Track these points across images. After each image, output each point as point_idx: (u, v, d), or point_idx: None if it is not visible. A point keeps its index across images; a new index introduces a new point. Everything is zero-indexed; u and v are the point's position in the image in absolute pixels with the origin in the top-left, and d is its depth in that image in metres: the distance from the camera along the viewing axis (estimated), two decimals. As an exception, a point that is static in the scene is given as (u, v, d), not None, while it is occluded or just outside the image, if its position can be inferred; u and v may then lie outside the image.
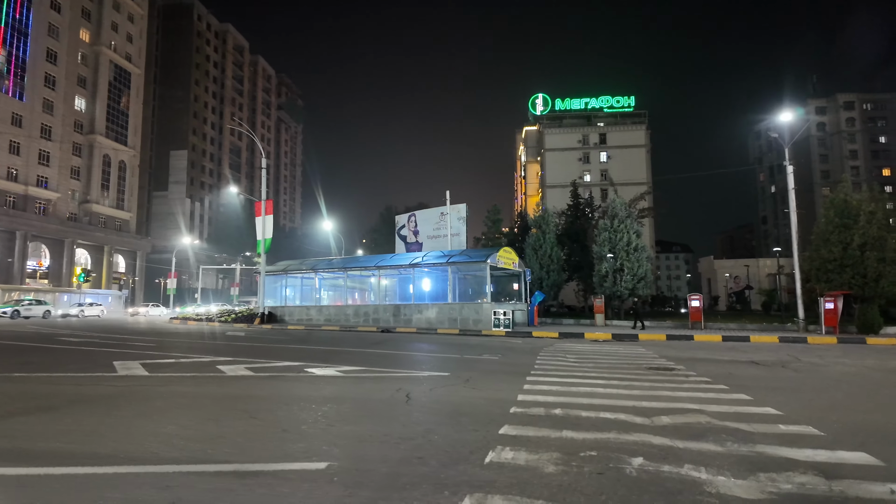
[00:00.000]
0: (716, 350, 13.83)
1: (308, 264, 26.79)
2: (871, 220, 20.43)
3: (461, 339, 16.85)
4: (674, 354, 12.40)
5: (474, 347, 13.76)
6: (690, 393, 6.64)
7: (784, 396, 6.46)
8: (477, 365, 9.81)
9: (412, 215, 37.75)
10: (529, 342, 16.05)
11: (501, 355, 11.70)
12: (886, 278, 19.81)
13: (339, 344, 14.35)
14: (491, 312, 20.58)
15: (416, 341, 15.80)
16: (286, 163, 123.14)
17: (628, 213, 29.19)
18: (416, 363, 10.01)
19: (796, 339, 17.47)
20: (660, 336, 18.55)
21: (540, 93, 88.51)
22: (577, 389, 6.78)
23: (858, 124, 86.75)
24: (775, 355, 12.46)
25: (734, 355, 12.37)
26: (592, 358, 11.27)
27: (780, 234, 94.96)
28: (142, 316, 38.45)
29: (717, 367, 9.75)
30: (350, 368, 8.84)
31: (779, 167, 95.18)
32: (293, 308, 25.64)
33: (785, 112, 22.08)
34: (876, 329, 19.87)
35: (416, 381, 7.47)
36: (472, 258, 21.86)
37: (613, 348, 14.07)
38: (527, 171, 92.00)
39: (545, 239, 31.61)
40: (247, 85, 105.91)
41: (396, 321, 22.52)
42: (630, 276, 27.55)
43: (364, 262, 24.76)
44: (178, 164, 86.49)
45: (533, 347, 13.99)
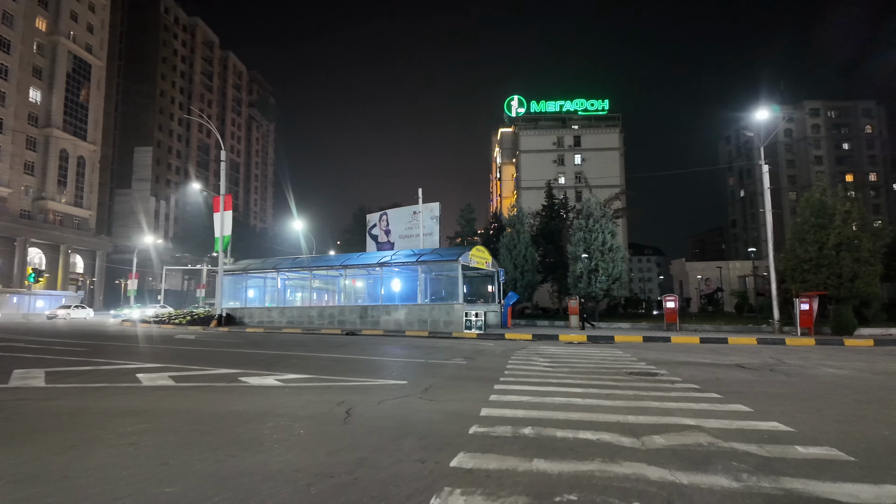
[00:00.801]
0: (696, 352, 13.13)
1: (271, 263, 25.34)
2: (846, 219, 20.20)
3: (429, 342, 15.81)
4: (653, 357, 11.63)
5: (442, 351, 12.75)
6: (681, 403, 5.75)
7: (786, 406, 5.63)
8: (441, 371, 8.80)
9: (384, 214, 36.59)
10: (501, 344, 15.13)
11: (470, 359, 10.72)
12: (861, 279, 19.57)
13: (294, 348, 13.15)
14: (462, 314, 19.62)
15: (380, 344, 14.70)
16: (257, 161, 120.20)
17: (603, 212, 28.66)
18: (373, 369, 8.93)
19: (774, 341, 16.98)
20: (636, 338, 17.87)
21: (515, 95, 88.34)
22: (552, 400, 5.82)
23: (823, 131, 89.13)
24: (758, 358, 11.82)
25: (716, 358, 11.67)
26: (568, 361, 10.39)
27: (748, 236, 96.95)
28: (61, 318, 34.96)
29: (703, 372, 8.96)
30: (294, 376, 7.71)
31: (748, 172, 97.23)
32: (254, 310, 24.17)
33: (760, 110, 21.74)
34: (850, 330, 19.62)
35: (365, 392, 6.40)
36: (443, 257, 20.85)
37: (589, 351, 13.25)
38: (502, 173, 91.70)
39: (519, 238, 30.85)
40: (216, 81, 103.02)
41: (363, 323, 21.35)
42: (605, 276, 26.98)
43: (330, 261, 23.49)
44: (143, 161, 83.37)
45: (505, 350, 13.06)
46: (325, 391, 6.46)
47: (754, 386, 7.30)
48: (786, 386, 7.33)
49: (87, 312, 38.89)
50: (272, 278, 25.13)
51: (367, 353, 11.81)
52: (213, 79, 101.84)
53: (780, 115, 28.58)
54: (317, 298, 27.89)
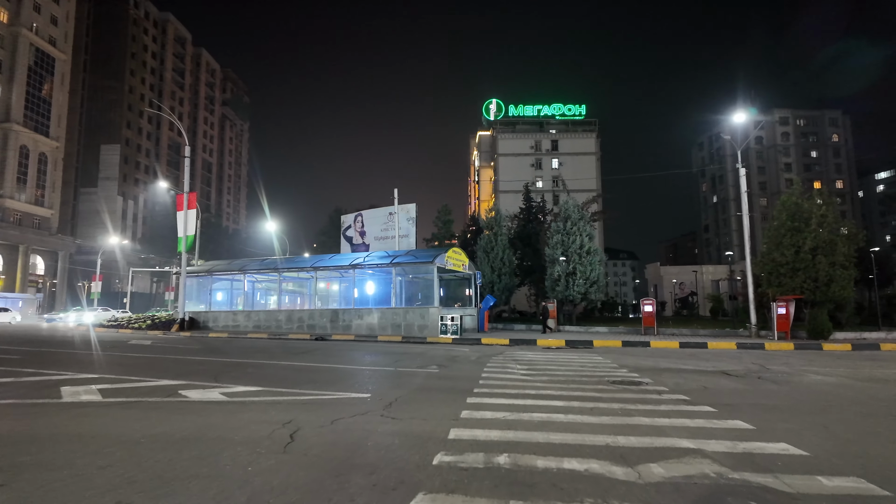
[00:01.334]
0: (677, 358, 12.67)
1: (237, 265, 24.18)
2: (822, 223, 20.18)
3: (402, 348, 15.04)
4: (634, 364, 11.10)
5: (414, 357, 12.00)
6: (674, 420, 5.14)
7: (788, 422, 5.07)
8: (410, 381, 8.06)
9: (359, 215, 35.65)
10: (477, 350, 14.45)
11: (443, 367, 10.00)
12: (837, 282, 19.53)
13: (254, 355, 12.23)
14: (438, 318, 18.91)
15: (348, 350, 13.88)
16: (230, 161, 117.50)
17: (581, 215, 28.31)
18: (335, 380, 8.13)
19: (753, 346, 16.71)
20: (615, 342, 17.41)
21: (494, 98, 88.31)
22: (531, 417, 5.15)
23: (792, 138, 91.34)
24: (741, 364, 11.40)
25: (699, 364, 11.21)
26: (546, 369, 9.76)
27: (721, 241, 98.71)
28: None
29: (688, 380, 8.42)
30: (243, 389, 6.87)
31: (720, 178, 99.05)
32: (219, 313, 22.99)
33: (737, 113, 21.64)
34: (826, 334, 19.55)
35: (319, 408, 5.62)
36: (418, 259, 20.10)
37: (568, 356, 12.67)
38: (480, 176, 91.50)
39: (497, 241, 30.30)
40: (188, 78, 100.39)
41: (334, 327, 20.43)
42: (582, 279, 26.60)
43: (300, 262, 22.49)
44: (110, 159, 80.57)
45: (480, 356, 12.39)
46: (272, 407, 5.66)
47: (746, 396, 6.76)
48: (779, 397, 6.81)
49: (12, 316, 35.63)
50: (239, 280, 23.97)
51: (333, 361, 10.99)
52: (185, 76, 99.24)
53: (757, 118, 28.75)
54: (286, 302, 26.82)
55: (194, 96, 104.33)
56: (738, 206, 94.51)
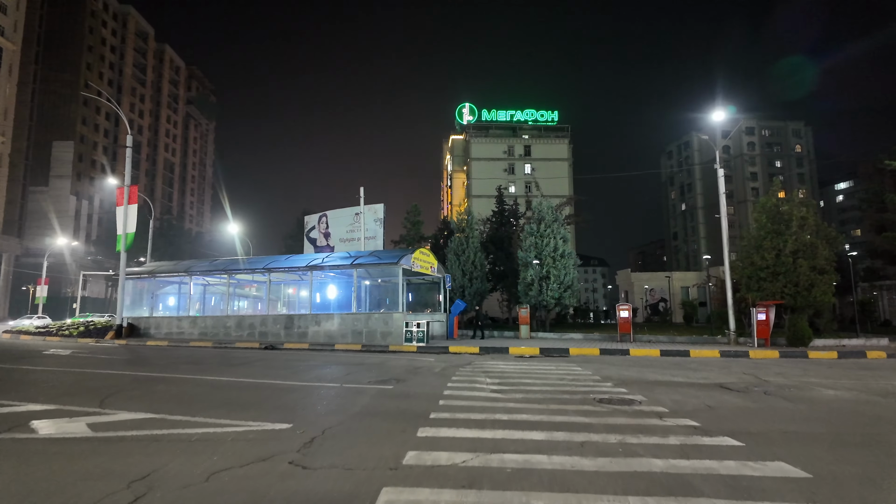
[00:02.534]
0: (662, 368, 11.46)
1: (183, 266, 22.04)
2: (802, 225, 19.51)
3: (359, 357, 13.44)
4: (618, 375, 9.81)
5: (369, 369, 10.45)
6: (695, 462, 3.78)
7: (849, 462, 3.77)
8: (353, 402, 6.53)
9: (323, 216, 33.84)
10: (443, 360, 12.97)
11: (400, 381, 8.49)
12: (818, 287, 18.82)
13: (180, 368, 10.45)
14: (402, 324, 17.35)
15: (296, 361, 12.20)
16: (194, 162, 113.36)
17: (555, 216, 27.21)
18: (257, 402, 6.52)
19: (737, 354, 15.73)
20: (592, 350, 16.18)
21: (467, 102, 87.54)
22: (501, 462, 3.71)
23: (758, 148, 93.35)
24: (732, 374, 10.25)
25: (688, 375, 9.99)
26: (521, 383, 8.36)
27: (689, 249, 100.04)
28: None
29: (687, 397, 7.14)
30: (125, 418, 5.22)
31: (688, 186, 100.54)
32: (162, 319, 20.86)
33: (717, 111, 20.88)
34: (806, 341, 18.82)
35: (205, 450, 4.05)
36: (381, 260, 18.49)
37: (544, 367, 11.32)
38: (453, 181, 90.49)
39: (468, 244, 28.91)
40: (151, 75, 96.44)
41: (288, 335, 18.64)
42: (556, 283, 25.44)
43: (253, 263, 20.57)
44: (63, 157, 76.36)
45: (446, 367, 10.92)
46: (142, 448, 4.06)
47: (766, 420, 5.48)
48: (806, 420, 5.54)
49: None
50: (185, 283, 21.88)
51: (270, 375, 9.34)
52: (147, 72, 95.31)
53: (736, 116, 28.24)
54: (238, 306, 24.84)
55: (157, 94, 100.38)
56: (706, 214, 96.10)
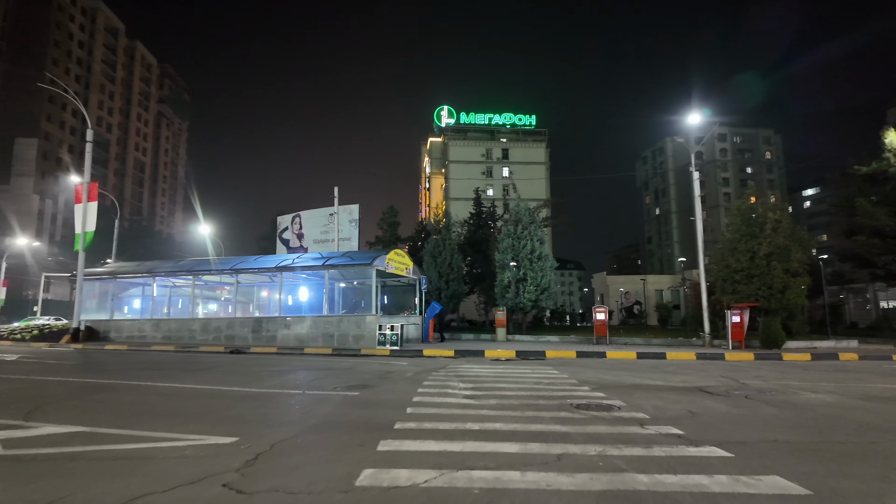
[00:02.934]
0: (640, 371, 11.21)
1: (146, 266, 21.05)
2: (776, 228, 19.64)
3: (328, 362, 12.87)
4: (595, 379, 9.50)
5: (338, 374, 9.92)
6: (682, 477, 3.41)
7: (849, 477, 3.45)
8: (314, 411, 6.02)
9: (296, 216, 33.06)
10: (417, 363, 12.50)
11: (368, 387, 8.00)
12: (792, 290, 18.96)
13: (133, 374, 9.76)
14: (375, 327, 16.81)
15: (260, 366, 11.58)
16: (166, 162, 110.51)
17: (532, 218, 27.01)
18: (206, 411, 5.96)
19: (713, 356, 15.63)
20: (569, 353, 15.91)
21: (445, 105, 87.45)
22: (469, 481, 3.28)
23: (730, 154, 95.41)
24: (711, 377, 10.04)
25: (667, 378, 9.74)
26: (495, 388, 7.96)
27: (663, 253, 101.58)
28: None
29: (666, 402, 6.84)
30: (49, 432, 4.62)
31: (663, 191, 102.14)
32: (123, 322, 19.85)
33: (693, 114, 20.96)
34: (779, 343, 18.93)
35: (130, 470, 3.51)
36: (354, 261, 17.90)
37: (520, 370, 10.96)
38: (431, 183, 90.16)
39: (445, 245, 28.50)
40: (121, 72, 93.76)
41: (256, 338, 17.90)
42: (533, 286, 25.21)
43: (220, 264, 19.74)
44: (25, 154, 73.64)
45: (419, 371, 10.46)
46: (53, 470, 3.50)
47: (753, 427, 5.17)
48: (795, 428, 5.25)
49: None
50: (148, 284, 20.90)
51: (229, 382, 8.73)
52: (117, 69, 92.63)
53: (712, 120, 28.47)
54: (209, 309, 23.93)
55: (127, 91, 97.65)
56: (679, 219, 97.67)
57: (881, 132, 23.78)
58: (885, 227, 23.58)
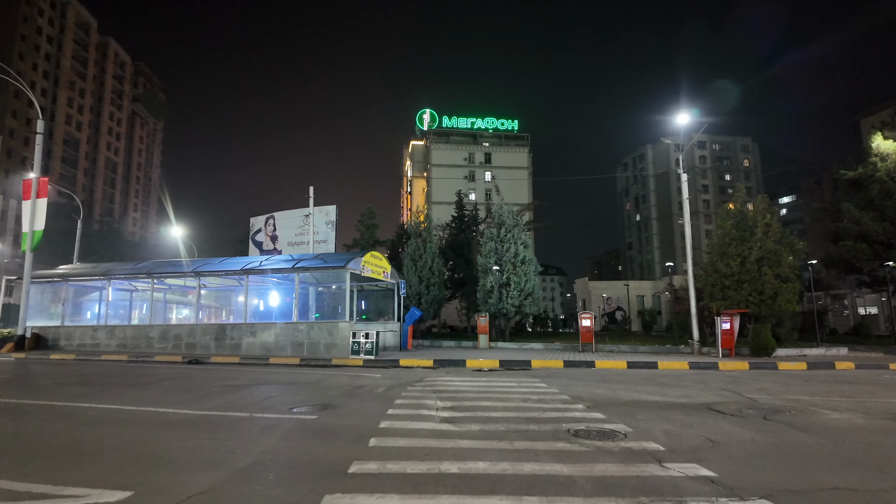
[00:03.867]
0: (634, 384, 10.27)
1: (102, 268, 19.42)
2: (767, 232, 19.02)
3: (292, 375, 11.65)
4: (588, 394, 8.51)
5: (297, 391, 8.74)
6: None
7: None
8: (253, 445, 4.87)
9: (270, 217, 31.65)
10: (392, 376, 11.38)
11: (328, 408, 6.86)
12: (783, 295, 18.31)
13: (59, 392, 8.43)
14: (349, 334, 15.61)
15: (215, 379, 10.33)
16: (140, 162, 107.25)
17: (515, 221, 26.10)
18: (108, 449, 4.76)
19: (707, 365, 14.84)
20: (556, 363, 14.94)
21: (427, 108, 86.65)
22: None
23: (709, 162, 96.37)
24: (715, 391, 9.14)
25: (667, 393, 8.79)
26: (478, 407, 6.89)
27: (643, 259, 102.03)
28: None
29: (679, 426, 5.86)
30: None
31: (643, 197, 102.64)
32: (74, 329, 18.25)
33: (681, 114, 20.30)
34: (769, 351, 18.28)
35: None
36: (327, 263, 16.67)
37: (505, 384, 9.93)
38: (413, 187, 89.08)
39: (426, 248, 27.39)
40: (92, 69, 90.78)
41: (220, 347, 16.55)
42: (517, 290, 24.26)
43: (180, 266, 18.28)
44: (-12, 152, 70.35)
45: (392, 386, 9.35)
46: None
47: (795, 464, 4.20)
48: (841, 463, 4.29)
49: None
50: (103, 288, 19.34)
51: (167, 402, 7.50)
52: (88, 65, 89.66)
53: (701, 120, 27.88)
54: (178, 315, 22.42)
55: (99, 89, 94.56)
56: (660, 225, 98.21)
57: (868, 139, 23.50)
58: (872, 232, 23.26)
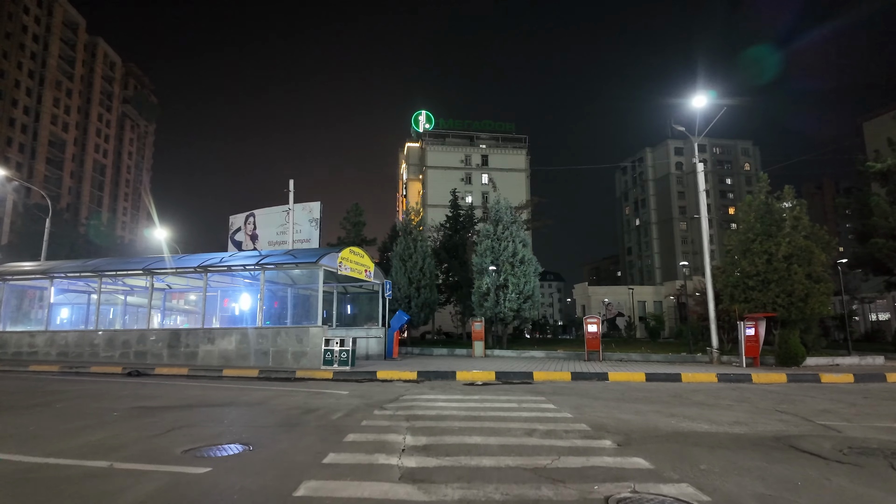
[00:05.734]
0: (663, 402, 8.12)
1: (43, 267, 17.16)
2: (796, 226, 16.94)
3: (238, 392, 9.45)
4: (612, 420, 6.34)
5: (223, 417, 6.55)
6: None
7: None
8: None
9: (250, 215, 29.46)
10: (361, 393, 9.20)
11: (247, 449, 4.69)
12: (815, 297, 16.18)
13: None
14: (321, 341, 13.43)
15: (131, 400, 8.13)
16: (129, 165, 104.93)
17: (514, 217, 23.98)
18: None
19: (738, 377, 12.69)
20: (562, 374, 12.76)
21: (423, 110, 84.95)
22: None
23: (710, 165, 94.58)
24: (769, 414, 6.99)
25: (714, 419, 6.61)
26: (463, 447, 4.71)
27: (643, 264, 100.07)
28: None
29: (772, 484, 3.70)
30: None
31: (643, 202, 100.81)
32: (9, 335, 15.86)
33: (698, 97, 18.27)
34: (798, 360, 16.18)
35: None
36: (297, 258, 14.50)
37: (502, 405, 7.76)
38: (408, 190, 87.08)
39: (416, 247, 25.21)
40: (80, 69, 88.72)
41: (173, 356, 14.34)
42: (515, 293, 22.10)
43: (131, 264, 16.04)
44: (-31, 152, 68.15)
45: (355, 408, 7.18)
46: None
47: None
48: None
49: None
50: (44, 288, 17.11)
51: (28, 436, 5.31)
52: (76, 65, 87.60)
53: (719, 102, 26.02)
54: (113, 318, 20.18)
55: (87, 89, 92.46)
56: (659, 229, 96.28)
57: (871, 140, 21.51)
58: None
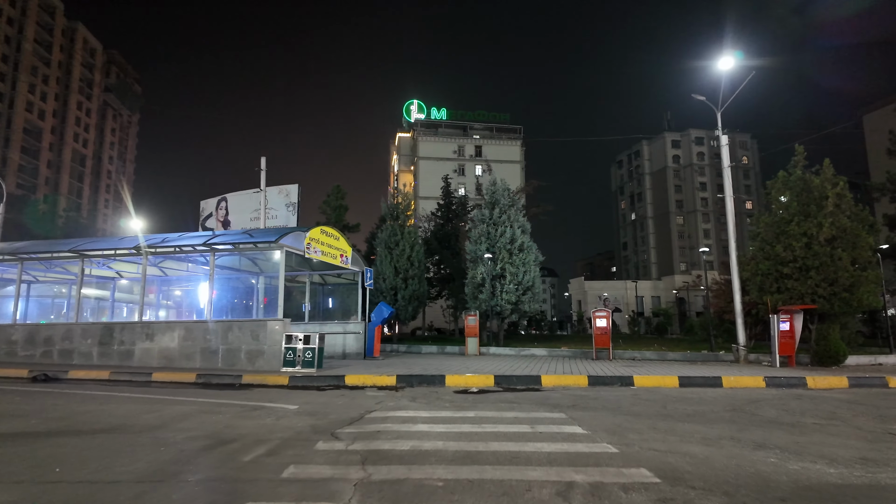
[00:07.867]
0: (727, 422, 5.77)
1: (-44, 249, 14.61)
2: (839, 205, 14.67)
3: (145, 406, 7.02)
4: (682, 460, 3.93)
5: (91, 456, 4.13)
6: None
7: None
8: None
9: (223, 199, 26.93)
10: (314, 409, 6.81)
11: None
12: (864, 286, 13.94)
13: None
14: (281, 338, 10.99)
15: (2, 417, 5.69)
16: (111, 156, 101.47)
17: (512, 200, 21.62)
18: None
19: (789, 382, 10.39)
20: (576, 379, 10.39)
21: (415, 99, 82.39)
22: None
23: (707, 159, 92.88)
24: (879, 443, 4.67)
25: (827, 454, 4.24)
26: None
27: (639, 259, 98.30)
28: None
29: None
30: None
31: (638, 196, 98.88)
32: None
33: (724, 59, 15.95)
34: (839, 359, 14.01)
35: None
36: (254, 238, 12.00)
37: (507, 427, 5.36)
38: (399, 181, 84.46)
39: (403, 233, 22.76)
40: (58, 54, 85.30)
41: (105, 354, 11.88)
42: (513, 284, 19.74)
43: (58, 245, 13.47)
44: (-62, 139, 65.05)
45: (292, 440, 4.77)
46: None
47: None
48: None
49: None
50: (-42, 275, 14.50)
51: None
52: (53, 51, 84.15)
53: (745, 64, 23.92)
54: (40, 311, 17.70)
55: (66, 76, 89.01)
56: (656, 224, 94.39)
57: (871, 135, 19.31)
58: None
